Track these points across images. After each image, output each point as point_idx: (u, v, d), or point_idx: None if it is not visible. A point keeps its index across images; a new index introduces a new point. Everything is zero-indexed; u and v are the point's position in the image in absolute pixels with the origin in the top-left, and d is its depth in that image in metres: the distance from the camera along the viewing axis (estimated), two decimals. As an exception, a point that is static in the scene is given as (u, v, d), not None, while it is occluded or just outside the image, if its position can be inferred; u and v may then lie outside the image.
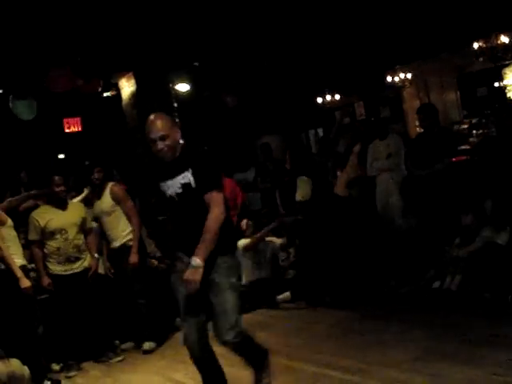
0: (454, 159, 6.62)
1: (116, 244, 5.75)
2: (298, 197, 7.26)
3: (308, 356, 4.58)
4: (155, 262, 6.53)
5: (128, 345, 5.79)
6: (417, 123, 8.71)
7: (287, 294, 6.52)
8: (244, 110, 10.30)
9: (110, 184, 5.84)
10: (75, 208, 5.61)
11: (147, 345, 5.54)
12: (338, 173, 7.70)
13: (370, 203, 7.06)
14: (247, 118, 11.27)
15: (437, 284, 5.69)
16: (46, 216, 5.35)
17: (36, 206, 5.70)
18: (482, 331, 4.37)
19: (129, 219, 5.73)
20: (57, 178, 5.34)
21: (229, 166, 9.61)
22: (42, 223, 5.29)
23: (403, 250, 6.34)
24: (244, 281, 6.77)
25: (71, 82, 7.22)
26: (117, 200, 5.73)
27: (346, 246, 6.56)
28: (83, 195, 6.26)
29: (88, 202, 6.04)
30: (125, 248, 5.68)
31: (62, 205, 5.43)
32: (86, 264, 5.46)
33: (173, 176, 3.33)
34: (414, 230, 6.44)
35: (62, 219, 5.35)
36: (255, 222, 7.60)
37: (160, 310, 5.77)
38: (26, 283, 4.97)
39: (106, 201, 5.74)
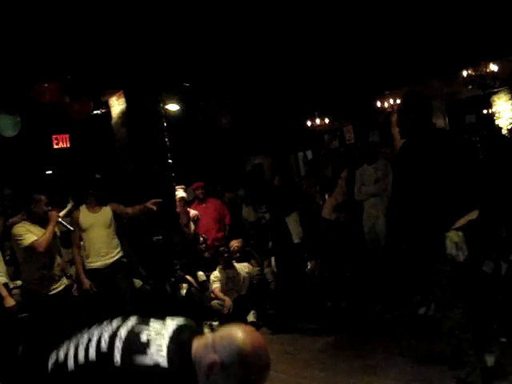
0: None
1: (108, 261, 5.74)
2: (295, 239, 7.28)
3: (292, 381, 4.55)
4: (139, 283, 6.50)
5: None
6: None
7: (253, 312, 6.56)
8: (234, 131, 10.32)
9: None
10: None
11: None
12: (326, 196, 7.70)
13: (357, 227, 7.06)
14: (237, 139, 11.28)
15: (422, 310, 5.66)
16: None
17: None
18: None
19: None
20: (44, 197, 5.23)
21: (219, 187, 9.61)
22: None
23: (389, 275, 6.32)
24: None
25: (58, 94, 7.14)
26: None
27: (333, 270, 6.55)
28: (67, 209, 6.14)
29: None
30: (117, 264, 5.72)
31: (44, 224, 5.33)
32: (65, 281, 5.38)
33: None
34: (400, 255, 6.42)
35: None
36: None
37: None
38: (10, 302, 4.90)
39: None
